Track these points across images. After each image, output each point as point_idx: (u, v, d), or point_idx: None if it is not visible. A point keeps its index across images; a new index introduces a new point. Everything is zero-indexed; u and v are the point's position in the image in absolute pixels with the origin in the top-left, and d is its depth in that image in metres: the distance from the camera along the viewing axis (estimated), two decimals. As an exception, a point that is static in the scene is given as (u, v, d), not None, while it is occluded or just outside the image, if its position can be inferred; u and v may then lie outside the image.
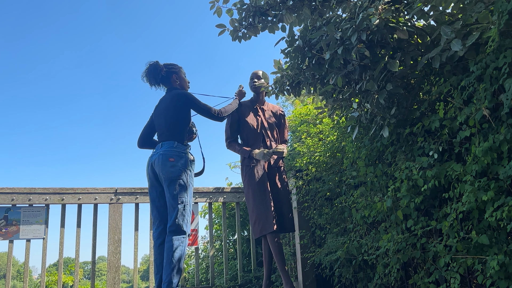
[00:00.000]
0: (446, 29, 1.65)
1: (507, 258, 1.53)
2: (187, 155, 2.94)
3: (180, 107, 2.99)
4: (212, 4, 2.66)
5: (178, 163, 2.86)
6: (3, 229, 3.34)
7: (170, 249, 2.76)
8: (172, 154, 2.86)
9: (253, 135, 3.27)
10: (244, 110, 3.34)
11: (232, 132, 3.32)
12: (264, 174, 3.17)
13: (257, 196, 3.10)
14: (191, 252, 5.35)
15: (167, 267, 2.73)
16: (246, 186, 3.19)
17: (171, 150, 2.88)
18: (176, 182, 2.82)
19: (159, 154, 2.89)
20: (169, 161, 2.83)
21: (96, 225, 3.55)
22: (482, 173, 1.75)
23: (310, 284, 3.28)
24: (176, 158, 2.86)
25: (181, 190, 2.83)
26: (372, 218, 2.45)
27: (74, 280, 3.56)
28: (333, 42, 1.95)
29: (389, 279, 2.36)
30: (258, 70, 3.42)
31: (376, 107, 2.06)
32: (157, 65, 3.09)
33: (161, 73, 3.08)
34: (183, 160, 2.89)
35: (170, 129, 2.98)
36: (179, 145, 2.93)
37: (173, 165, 2.83)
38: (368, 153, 2.44)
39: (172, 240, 2.77)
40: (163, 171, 2.83)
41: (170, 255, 2.74)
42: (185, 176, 2.86)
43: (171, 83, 3.12)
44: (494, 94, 1.68)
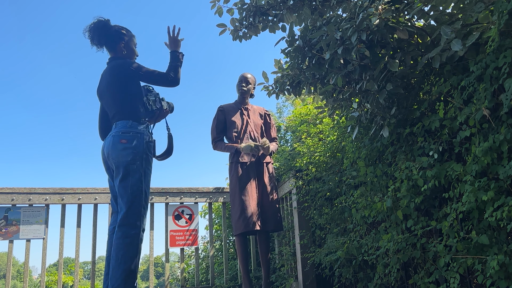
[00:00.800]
0: (446, 29, 1.65)
1: (507, 258, 1.53)
2: (143, 135, 2.51)
3: (124, 78, 2.54)
4: (213, 3, 2.66)
5: (131, 144, 2.43)
6: (3, 229, 3.34)
7: (118, 247, 2.32)
8: (124, 135, 2.45)
9: (239, 134, 3.35)
10: (230, 111, 3.42)
11: (218, 133, 3.37)
12: (253, 171, 3.23)
13: (243, 193, 3.15)
14: (191, 252, 5.35)
15: (114, 269, 2.28)
16: (234, 182, 3.23)
17: (124, 130, 2.46)
18: (128, 168, 2.40)
19: (111, 136, 2.49)
20: (120, 143, 2.43)
21: (96, 225, 3.55)
22: (482, 173, 1.75)
23: (310, 284, 3.28)
24: (129, 139, 2.44)
25: (134, 177, 2.40)
26: (372, 218, 2.45)
27: (74, 280, 3.56)
28: (333, 42, 1.95)
29: (389, 279, 2.36)
30: (247, 74, 3.49)
31: (376, 107, 2.06)
32: (107, 23, 2.63)
33: (108, 34, 2.62)
34: (138, 141, 2.46)
35: (120, 106, 2.53)
36: (134, 124, 2.50)
37: (124, 148, 2.42)
38: (368, 153, 2.44)
39: (122, 237, 2.33)
40: (112, 155, 2.44)
41: (119, 255, 2.30)
42: (139, 161, 2.43)
43: (116, 50, 2.66)
44: (494, 94, 1.68)
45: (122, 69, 2.55)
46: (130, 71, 2.55)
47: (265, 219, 3.17)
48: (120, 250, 2.30)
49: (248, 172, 3.23)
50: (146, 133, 2.54)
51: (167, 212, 3.73)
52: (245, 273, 3.25)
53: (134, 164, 2.42)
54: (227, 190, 3.97)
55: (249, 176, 3.22)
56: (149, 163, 2.52)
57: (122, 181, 2.40)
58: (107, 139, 2.52)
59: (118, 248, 2.31)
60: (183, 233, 3.72)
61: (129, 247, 2.32)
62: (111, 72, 2.57)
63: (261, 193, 3.23)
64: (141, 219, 2.41)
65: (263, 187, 3.25)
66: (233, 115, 3.41)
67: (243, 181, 3.20)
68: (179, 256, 3.82)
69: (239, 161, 3.25)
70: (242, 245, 3.23)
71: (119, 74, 2.54)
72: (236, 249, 3.27)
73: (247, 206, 3.12)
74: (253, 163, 3.27)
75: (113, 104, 2.55)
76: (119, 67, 2.56)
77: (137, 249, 2.36)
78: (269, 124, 3.53)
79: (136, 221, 2.38)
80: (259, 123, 3.47)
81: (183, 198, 3.79)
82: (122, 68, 2.55)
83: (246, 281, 3.25)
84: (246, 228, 3.08)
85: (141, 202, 2.42)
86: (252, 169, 3.24)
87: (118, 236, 2.34)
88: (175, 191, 3.76)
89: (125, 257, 2.30)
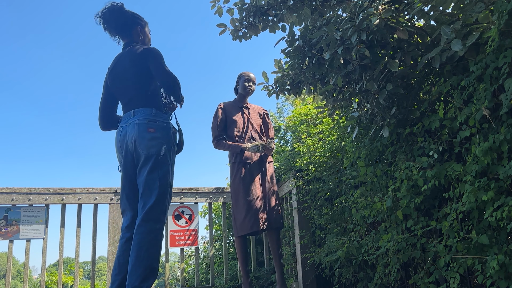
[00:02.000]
0: (446, 29, 1.65)
1: (507, 258, 1.53)
2: (169, 125, 2.37)
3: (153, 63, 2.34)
4: (213, 3, 2.66)
5: (160, 134, 2.28)
6: (3, 229, 3.34)
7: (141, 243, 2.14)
8: (151, 124, 2.28)
9: (241, 134, 3.35)
10: (231, 110, 3.41)
11: (220, 131, 3.35)
12: (256, 171, 3.24)
13: (248, 194, 3.15)
14: (191, 252, 5.35)
15: (135, 266, 2.11)
16: (237, 182, 3.22)
17: (150, 118, 2.29)
18: (158, 159, 2.24)
19: (134, 124, 2.28)
20: (148, 132, 2.25)
21: (96, 225, 3.55)
22: (482, 173, 1.75)
23: (310, 284, 3.28)
24: (156, 128, 2.28)
25: (162, 169, 2.26)
26: (372, 218, 2.45)
27: (74, 280, 3.56)
28: (333, 42, 1.95)
29: (389, 279, 2.36)
30: (251, 73, 3.47)
31: (376, 107, 2.06)
32: (122, 7, 2.45)
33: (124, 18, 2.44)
34: (166, 131, 2.32)
35: (143, 93, 2.34)
36: (158, 113, 2.33)
37: (153, 137, 2.25)
38: (368, 153, 2.44)
39: (145, 232, 2.16)
40: (140, 145, 2.25)
41: (142, 251, 2.12)
42: (168, 152, 2.29)
43: (132, 36, 2.49)
44: (494, 94, 1.68)
45: (152, 53, 2.36)
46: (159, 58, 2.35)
47: (269, 217, 3.19)
48: (143, 246, 2.13)
49: (251, 172, 3.23)
50: (171, 123, 2.41)
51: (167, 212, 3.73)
52: (244, 273, 3.26)
53: (164, 156, 2.26)
54: (227, 190, 3.96)
55: (253, 176, 3.22)
56: (174, 155, 2.40)
57: (151, 173, 2.23)
58: (128, 128, 2.31)
59: (141, 244, 2.14)
60: (183, 233, 3.72)
61: (152, 243, 2.16)
62: (140, 55, 2.36)
63: (265, 192, 3.24)
64: (165, 213, 2.28)
65: (266, 186, 3.26)
66: (234, 114, 3.40)
67: (247, 181, 3.20)
68: (179, 256, 3.82)
69: (242, 161, 3.25)
70: (242, 245, 3.23)
71: (149, 59, 2.34)
72: (236, 249, 3.26)
73: (252, 206, 3.12)
74: (256, 162, 3.27)
75: (133, 89, 2.35)
76: (149, 51, 2.37)
77: (160, 245, 2.22)
78: (268, 124, 3.54)
79: (161, 215, 2.23)
80: (259, 122, 3.48)
81: (183, 198, 3.79)
82: (152, 52, 2.36)
83: (245, 281, 3.25)
84: (252, 229, 3.08)
85: (167, 196, 2.29)
86: (255, 169, 3.25)
87: (141, 231, 2.16)
88: (175, 191, 3.76)
89: (147, 253, 2.12)
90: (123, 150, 2.35)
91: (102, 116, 2.50)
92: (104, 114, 2.50)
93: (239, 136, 3.36)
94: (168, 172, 2.29)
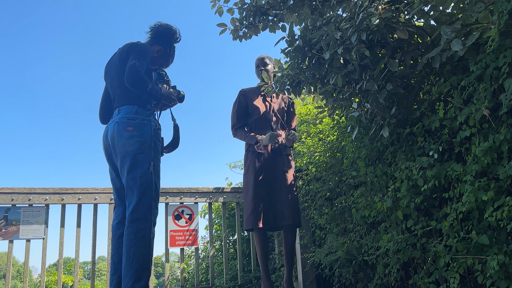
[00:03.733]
0: (446, 29, 1.65)
1: (507, 258, 1.53)
2: (150, 122, 2.34)
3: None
4: (213, 3, 2.66)
5: (138, 132, 2.27)
6: (3, 229, 3.34)
7: (129, 244, 2.15)
8: (130, 122, 2.28)
9: (261, 121, 3.12)
10: (252, 96, 3.17)
11: (239, 119, 3.14)
12: (272, 163, 3.01)
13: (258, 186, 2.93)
14: (191, 252, 5.35)
15: (127, 267, 2.13)
16: (249, 173, 2.99)
17: (129, 117, 2.29)
18: (135, 158, 2.23)
19: (114, 123, 2.31)
20: (126, 130, 2.26)
21: (96, 225, 3.55)
22: (482, 173, 1.75)
23: (310, 284, 3.28)
24: (135, 126, 2.27)
25: (142, 168, 2.23)
26: (372, 218, 2.45)
27: (74, 280, 3.56)
28: (333, 42, 1.95)
29: (389, 279, 2.36)
30: (260, 56, 3.24)
31: (376, 107, 2.06)
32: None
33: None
34: (146, 129, 2.30)
35: (127, 90, 2.33)
36: (140, 110, 2.33)
37: (130, 136, 2.25)
38: (368, 153, 2.44)
39: (132, 232, 2.17)
40: (118, 143, 2.27)
41: (131, 253, 2.14)
42: (147, 150, 2.27)
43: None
44: (494, 94, 1.68)
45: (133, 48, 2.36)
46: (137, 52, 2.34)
47: (282, 214, 2.93)
48: (132, 247, 2.14)
49: (265, 164, 2.99)
50: (153, 119, 2.38)
51: (167, 212, 3.73)
52: (264, 271, 2.98)
53: (142, 154, 2.24)
54: (227, 190, 3.96)
55: (266, 168, 2.98)
56: (158, 151, 2.35)
57: (130, 173, 2.23)
58: (110, 126, 2.34)
59: (129, 245, 2.15)
60: (183, 233, 3.72)
61: (140, 243, 2.15)
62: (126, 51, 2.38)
63: (278, 187, 2.99)
64: (152, 212, 2.25)
65: (280, 180, 3.00)
66: (256, 100, 3.15)
67: (258, 173, 2.96)
68: (179, 256, 3.82)
69: (255, 151, 3.02)
70: (260, 240, 2.96)
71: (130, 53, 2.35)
72: (255, 245, 3.04)
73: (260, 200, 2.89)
74: (273, 154, 3.03)
75: (118, 86, 2.37)
76: (132, 46, 2.38)
77: (149, 245, 2.20)
78: (291, 113, 3.28)
79: (147, 215, 2.21)
80: (282, 111, 3.22)
81: (183, 198, 3.79)
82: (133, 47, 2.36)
83: (265, 280, 2.98)
84: (253, 225, 2.85)
85: (152, 194, 2.26)
86: (269, 161, 3.01)
87: (128, 232, 2.18)
88: (175, 191, 3.76)
89: (137, 254, 2.13)
90: (108, 145, 2.38)
91: (101, 111, 2.53)
92: (102, 109, 2.52)
93: (259, 123, 3.12)
94: (149, 169, 2.25)
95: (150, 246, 2.22)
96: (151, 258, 2.23)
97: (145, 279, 2.13)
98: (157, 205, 2.31)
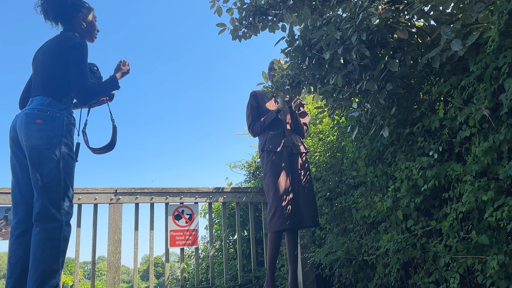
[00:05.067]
0: (446, 29, 1.65)
1: (507, 258, 1.53)
2: (63, 116, 2.19)
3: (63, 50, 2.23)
4: (212, 3, 2.66)
5: (48, 126, 2.12)
6: (3, 229, 3.34)
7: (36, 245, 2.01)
8: (40, 114, 2.13)
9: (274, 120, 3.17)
10: (263, 97, 3.26)
11: (253, 118, 3.21)
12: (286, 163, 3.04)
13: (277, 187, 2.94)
14: (191, 252, 5.35)
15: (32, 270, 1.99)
16: (268, 174, 3.03)
17: (40, 108, 2.15)
18: (42, 153, 2.09)
19: (24, 113, 2.16)
20: (35, 123, 2.11)
21: (96, 225, 3.55)
22: (482, 173, 1.75)
23: (310, 284, 3.28)
24: (45, 119, 2.12)
25: (49, 164, 2.09)
26: (372, 218, 2.45)
27: (74, 280, 3.55)
28: (333, 42, 1.95)
29: (389, 279, 2.36)
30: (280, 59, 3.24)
31: (376, 107, 2.06)
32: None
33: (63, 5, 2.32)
34: (56, 123, 2.15)
35: (45, 80, 2.22)
36: (54, 102, 2.18)
37: (39, 129, 2.10)
38: (368, 153, 2.44)
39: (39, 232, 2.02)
40: (24, 136, 2.12)
41: (37, 254, 1.99)
42: (56, 145, 2.13)
43: (74, 23, 2.37)
44: (494, 94, 1.68)
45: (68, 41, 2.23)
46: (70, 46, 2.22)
47: (301, 215, 2.94)
48: (38, 248, 1.99)
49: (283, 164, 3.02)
50: (67, 114, 2.22)
51: (167, 212, 3.73)
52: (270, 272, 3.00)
53: (50, 149, 2.10)
54: (227, 190, 3.97)
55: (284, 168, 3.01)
56: (69, 148, 2.19)
57: (36, 169, 2.08)
58: (19, 116, 2.19)
59: (36, 247, 2.00)
60: (183, 233, 3.72)
61: (48, 244, 2.01)
62: (57, 41, 2.27)
63: (297, 187, 3.00)
64: (61, 211, 2.08)
65: (298, 180, 3.03)
66: (267, 101, 3.25)
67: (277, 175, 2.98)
68: (179, 256, 3.82)
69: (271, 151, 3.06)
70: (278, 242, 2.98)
71: (63, 46, 2.23)
72: (268, 245, 3.04)
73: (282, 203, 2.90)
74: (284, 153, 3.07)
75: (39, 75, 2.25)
76: (67, 38, 2.26)
77: (59, 247, 2.04)
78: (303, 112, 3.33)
79: (56, 214, 2.06)
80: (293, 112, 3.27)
81: (183, 198, 3.78)
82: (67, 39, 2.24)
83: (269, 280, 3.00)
84: (281, 226, 2.86)
85: (60, 193, 2.09)
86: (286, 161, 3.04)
87: (35, 233, 2.03)
88: (175, 191, 3.76)
89: (43, 256, 1.98)
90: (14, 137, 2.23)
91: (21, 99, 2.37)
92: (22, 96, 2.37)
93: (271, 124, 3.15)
94: (57, 166, 2.11)
95: (60, 247, 2.07)
96: (62, 260, 2.10)
97: (52, 283, 2.02)
98: (70, 205, 2.15)
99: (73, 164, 2.21)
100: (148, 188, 3.67)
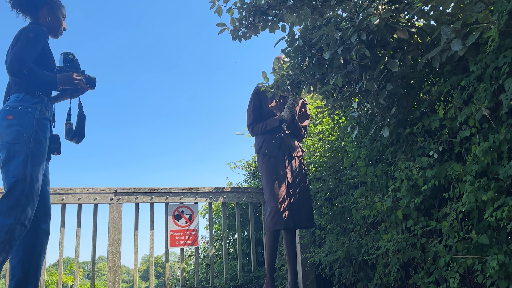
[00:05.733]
0: (446, 29, 1.65)
1: (507, 258, 1.53)
2: (34, 111, 2.15)
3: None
4: (212, 3, 2.66)
5: (18, 121, 2.10)
6: (3, 229, 3.33)
7: None
8: (11, 110, 2.11)
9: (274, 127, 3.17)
10: (265, 97, 3.24)
11: (254, 117, 3.22)
12: (283, 165, 3.07)
13: (272, 188, 2.99)
14: (191, 252, 5.35)
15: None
16: (264, 176, 3.07)
17: (12, 104, 2.13)
18: (11, 149, 2.05)
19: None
20: (6, 119, 2.10)
21: (96, 225, 3.55)
22: (482, 173, 1.75)
23: (310, 284, 3.29)
24: (16, 115, 2.10)
25: (18, 159, 2.04)
26: (372, 218, 2.45)
27: (74, 280, 3.55)
28: (333, 42, 1.95)
29: (389, 279, 2.36)
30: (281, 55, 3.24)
31: (376, 107, 2.06)
32: None
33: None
34: (27, 117, 2.12)
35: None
36: (27, 97, 2.16)
37: (9, 125, 2.08)
38: (368, 153, 2.44)
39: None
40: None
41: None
42: (25, 140, 2.08)
43: (39, 17, 2.34)
44: (494, 94, 1.68)
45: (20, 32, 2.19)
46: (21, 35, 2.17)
47: (297, 215, 2.98)
48: None
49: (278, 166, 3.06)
50: (40, 108, 2.17)
51: (167, 212, 3.73)
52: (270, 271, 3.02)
53: (19, 144, 2.05)
54: (227, 190, 3.97)
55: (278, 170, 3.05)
56: (40, 142, 2.12)
57: (4, 165, 2.05)
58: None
59: None
60: (183, 233, 3.72)
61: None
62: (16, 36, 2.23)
63: (291, 188, 3.04)
64: (18, 209, 1.97)
65: (294, 182, 3.07)
66: (270, 102, 3.24)
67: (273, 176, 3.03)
68: (179, 256, 3.82)
69: (266, 154, 3.09)
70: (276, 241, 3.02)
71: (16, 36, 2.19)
72: (265, 244, 3.08)
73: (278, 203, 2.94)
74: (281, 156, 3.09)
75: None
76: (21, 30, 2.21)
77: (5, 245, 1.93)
78: (304, 114, 3.33)
79: (10, 210, 1.95)
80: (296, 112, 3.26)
81: (183, 198, 3.79)
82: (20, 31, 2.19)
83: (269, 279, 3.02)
84: (277, 226, 2.90)
85: (23, 190, 2.00)
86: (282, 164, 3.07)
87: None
88: (175, 191, 3.76)
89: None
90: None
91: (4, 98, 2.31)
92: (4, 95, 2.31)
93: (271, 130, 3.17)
94: (25, 162, 2.04)
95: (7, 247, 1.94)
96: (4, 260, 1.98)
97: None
98: (32, 204, 2.05)
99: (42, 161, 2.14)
100: (148, 188, 3.67)
